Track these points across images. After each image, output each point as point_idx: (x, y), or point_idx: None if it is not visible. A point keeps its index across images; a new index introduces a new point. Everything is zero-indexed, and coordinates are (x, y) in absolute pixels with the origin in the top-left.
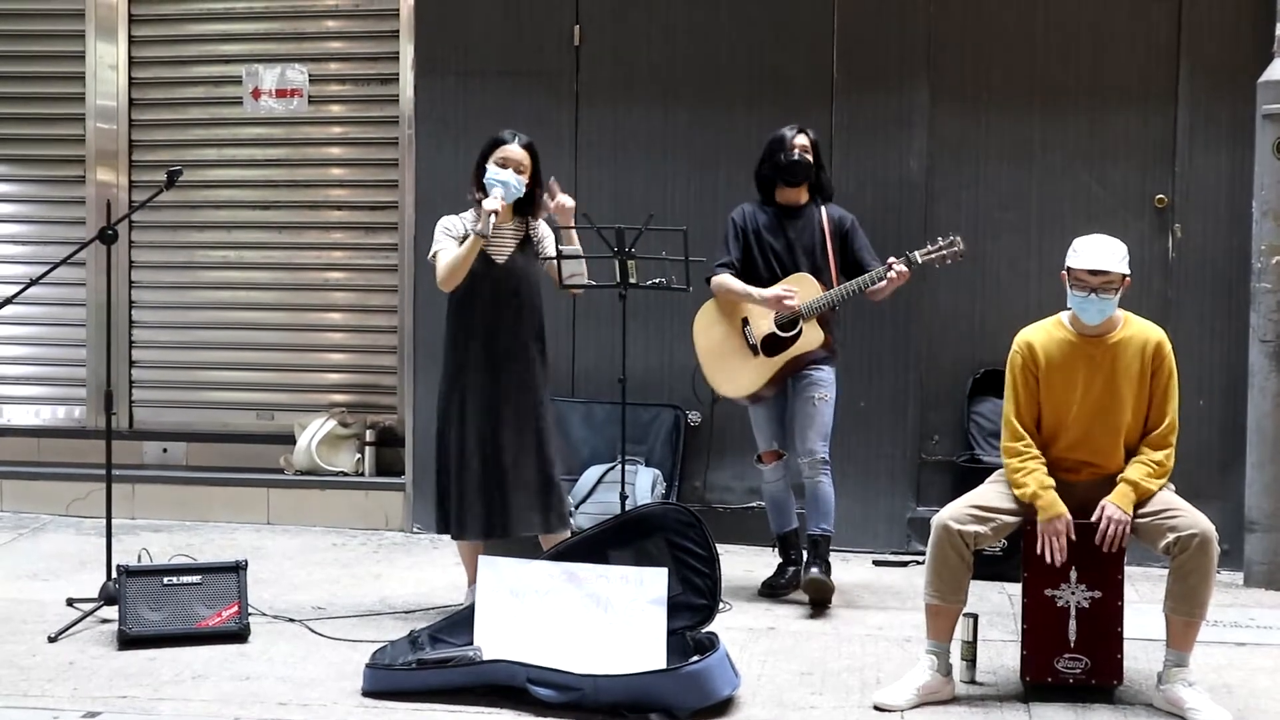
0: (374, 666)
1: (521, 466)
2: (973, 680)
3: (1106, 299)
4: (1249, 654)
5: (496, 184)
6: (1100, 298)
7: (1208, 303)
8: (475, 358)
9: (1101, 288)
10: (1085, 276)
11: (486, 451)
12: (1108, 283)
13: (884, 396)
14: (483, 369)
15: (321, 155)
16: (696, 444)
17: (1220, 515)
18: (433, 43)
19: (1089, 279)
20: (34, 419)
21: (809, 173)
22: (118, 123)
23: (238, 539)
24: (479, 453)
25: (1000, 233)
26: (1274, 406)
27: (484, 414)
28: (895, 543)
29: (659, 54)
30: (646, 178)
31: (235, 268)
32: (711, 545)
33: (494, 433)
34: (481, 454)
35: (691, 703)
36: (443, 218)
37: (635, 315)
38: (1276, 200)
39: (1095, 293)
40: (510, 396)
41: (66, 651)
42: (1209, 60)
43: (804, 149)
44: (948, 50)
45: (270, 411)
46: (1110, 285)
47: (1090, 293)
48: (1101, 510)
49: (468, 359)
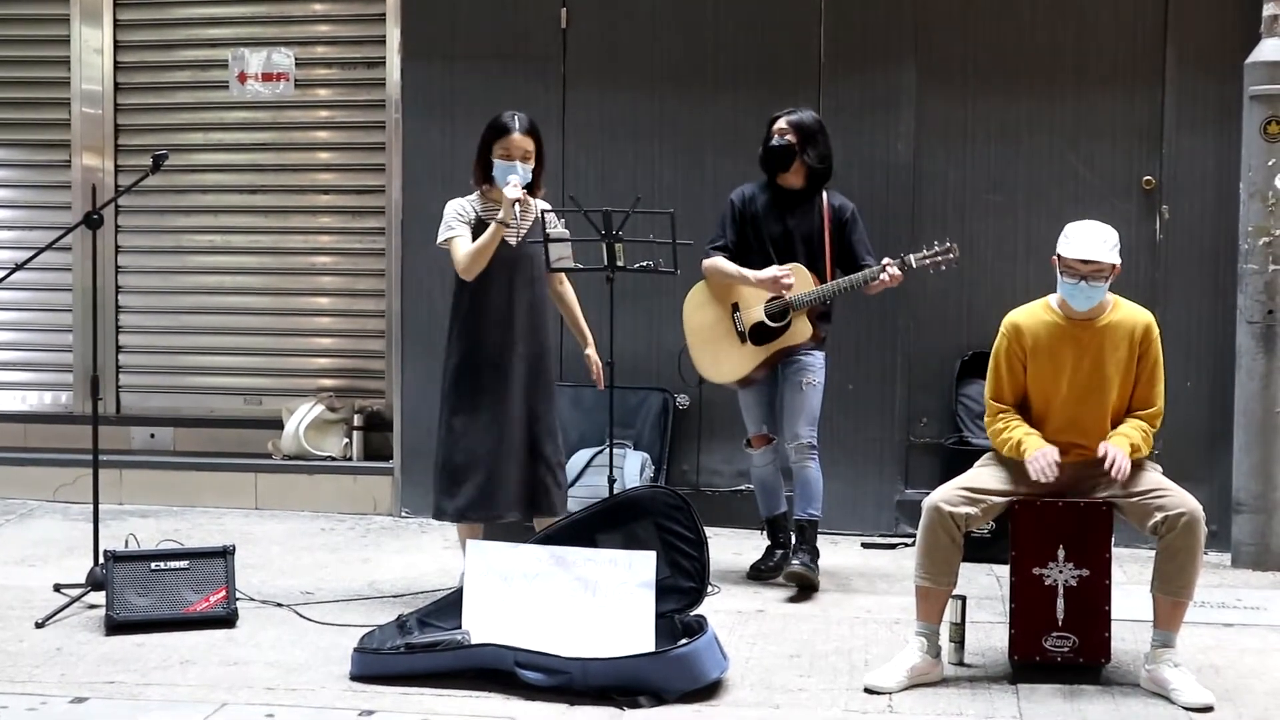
0: (362, 651)
1: (543, 446)
2: (961, 662)
3: (1096, 286)
4: (1236, 634)
5: (509, 177)
6: (1090, 285)
7: (1195, 284)
8: (493, 339)
9: (1091, 276)
10: (1076, 265)
11: (509, 433)
12: (1097, 271)
13: (872, 379)
14: (501, 350)
15: (308, 139)
16: (685, 427)
17: (1208, 496)
18: (420, 26)
19: (1079, 267)
20: (20, 404)
21: (788, 158)
22: (103, 107)
23: (225, 524)
24: (502, 434)
25: (987, 215)
26: (1261, 388)
27: (503, 395)
28: (884, 525)
29: (646, 37)
30: (633, 161)
31: (222, 252)
32: (700, 528)
33: (519, 414)
34: (504, 435)
35: (680, 685)
36: (450, 202)
37: (623, 298)
38: (1264, 182)
39: (1085, 280)
40: (529, 377)
41: (54, 637)
42: (1196, 41)
43: (783, 132)
44: (935, 32)
45: (258, 396)
46: (1100, 273)
47: (1080, 280)
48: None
49: (484, 340)
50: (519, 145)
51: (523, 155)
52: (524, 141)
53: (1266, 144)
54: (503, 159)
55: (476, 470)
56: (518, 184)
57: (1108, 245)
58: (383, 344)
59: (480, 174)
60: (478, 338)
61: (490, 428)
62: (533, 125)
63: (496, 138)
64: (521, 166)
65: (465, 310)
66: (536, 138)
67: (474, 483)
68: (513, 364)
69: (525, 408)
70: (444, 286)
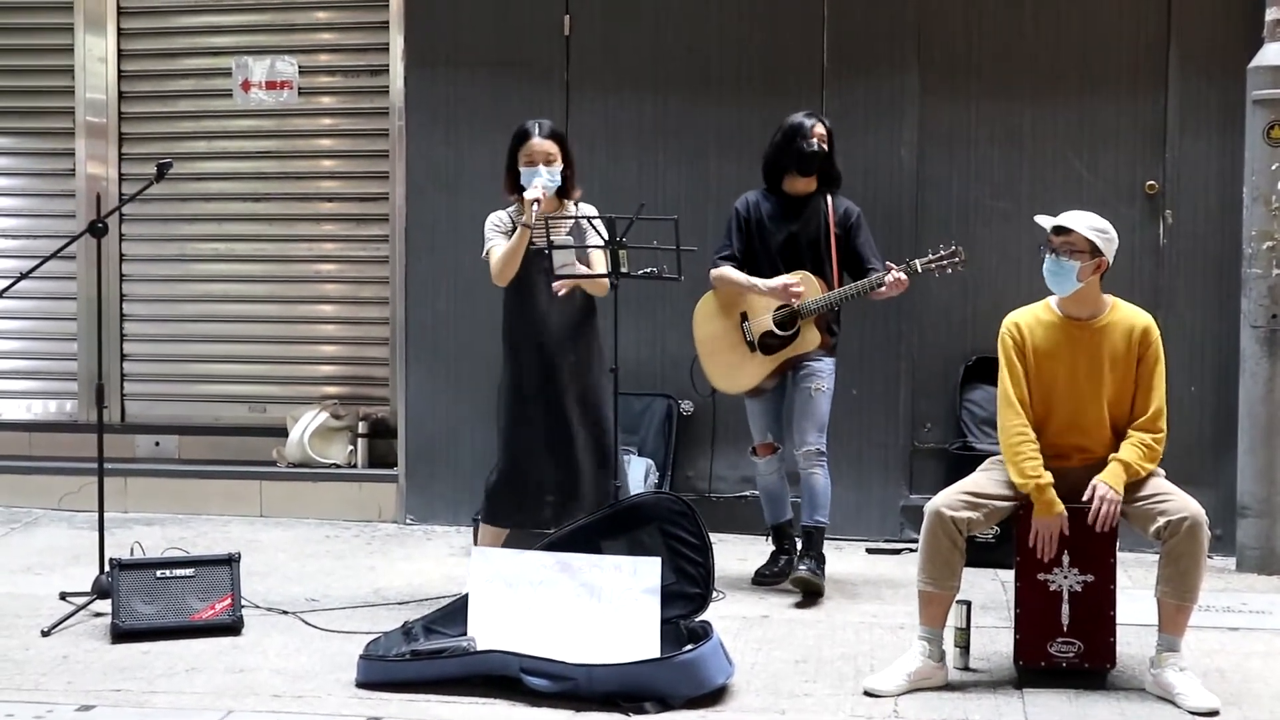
0: (368, 658)
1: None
2: (966, 667)
3: (1066, 264)
4: (1241, 638)
5: (533, 180)
6: (1060, 261)
7: (1199, 288)
8: (534, 347)
9: (1062, 248)
10: (1050, 237)
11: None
12: (1069, 244)
13: (876, 385)
14: (543, 357)
15: (312, 147)
16: (689, 433)
17: (1212, 501)
18: (423, 33)
19: (1053, 239)
20: (25, 413)
21: (826, 163)
22: (107, 116)
23: (231, 532)
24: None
25: (991, 220)
26: (1266, 392)
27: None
28: (888, 531)
29: (649, 43)
30: (637, 167)
31: (226, 260)
32: (705, 534)
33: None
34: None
35: (685, 691)
36: (491, 214)
37: (627, 305)
38: (1267, 186)
39: (1056, 253)
40: (572, 383)
41: (60, 645)
42: (1199, 46)
43: (822, 138)
44: (938, 37)
45: (263, 404)
46: (1072, 247)
47: (1052, 252)
48: (1093, 490)
49: (527, 349)
50: (540, 149)
51: (545, 159)
52: (544, 145)
53: (1270, 148)
54: (527, 165)
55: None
56: (539, 185)
57: (1085, 222)
58: (387, 351)
59: (510, 183)
60: (519, 347)
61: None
62: (554, 130)
63: (519, 145)
64: (545, 170)
65: (508, 320)
66: (559, 141)
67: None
68: (560, 369)
69: (579, 410)
70: (448, 293)
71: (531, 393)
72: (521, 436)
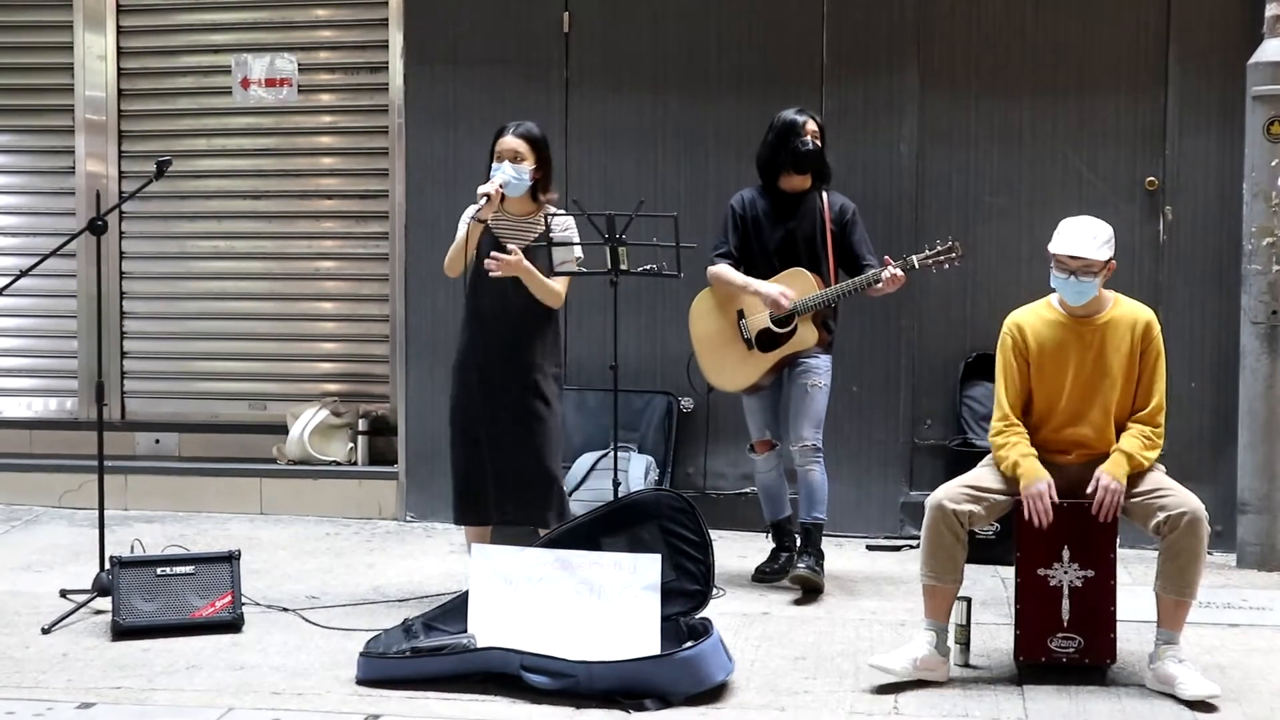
0: (368, 655)
1: (520, 458)
2: (966, 663)
3: (1086, 282)
4: (1242, 634)
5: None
6: (1080, 280)
7: (1199, 285)
8: (480, 344)
9: (1081, 271)
10: (1065, 260)
11: (484, 437)
12: (1087, 267)
13: (876, 381)
14: (487, 355)
15: (311, 144)
16: (689, 430)
17: (1212, 497)
18: (422, 31)
19: (1069, 263)
20: (26, 411)
21: (820, 161)
22: (106, 113)
23: (231, 529)
24: (479, 439)
25: (991, 217)
26: (1266, 388)
27: (485, 400)
28: (889, 527)
29: (648, 41)
30: (636, 164)
31: (226, 258)
32: (705, 531)
33: (493, 421)
34: (480, 440)
35: (685, 688)
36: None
37: (627, 302)
38: (1267, 182)
39: (1075, 275)
40: (512, 384)
41: (60, 643)
42: (1199, 42)
43: (815, 135)
44: (937, 35)
45: (263, 401)
46: (1090, 269)
47: (1070, 275)
48: (1096, 480)
49: (475, 344)
50: (508, 147)
51: (511, 156)
52: (513, 143)
53: (1269, 144)
54: (495, 161)
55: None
56: (496, 182)
57: (1097, 241)
58: (387, 348)
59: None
60: (467, 341)
61: (471, 432)
62: (531, 131)
63: (494, 142)
64: (512, 168)
65: (464, 314)
66: (531, 141)
67: (459, 488)
68: (499, 371)
69: (513, 415)
70: (448, 290)
71: (469, 386)
72: (458, 429)
